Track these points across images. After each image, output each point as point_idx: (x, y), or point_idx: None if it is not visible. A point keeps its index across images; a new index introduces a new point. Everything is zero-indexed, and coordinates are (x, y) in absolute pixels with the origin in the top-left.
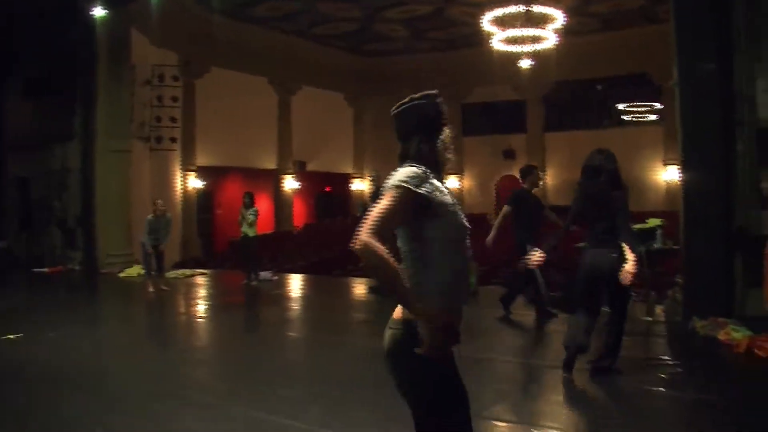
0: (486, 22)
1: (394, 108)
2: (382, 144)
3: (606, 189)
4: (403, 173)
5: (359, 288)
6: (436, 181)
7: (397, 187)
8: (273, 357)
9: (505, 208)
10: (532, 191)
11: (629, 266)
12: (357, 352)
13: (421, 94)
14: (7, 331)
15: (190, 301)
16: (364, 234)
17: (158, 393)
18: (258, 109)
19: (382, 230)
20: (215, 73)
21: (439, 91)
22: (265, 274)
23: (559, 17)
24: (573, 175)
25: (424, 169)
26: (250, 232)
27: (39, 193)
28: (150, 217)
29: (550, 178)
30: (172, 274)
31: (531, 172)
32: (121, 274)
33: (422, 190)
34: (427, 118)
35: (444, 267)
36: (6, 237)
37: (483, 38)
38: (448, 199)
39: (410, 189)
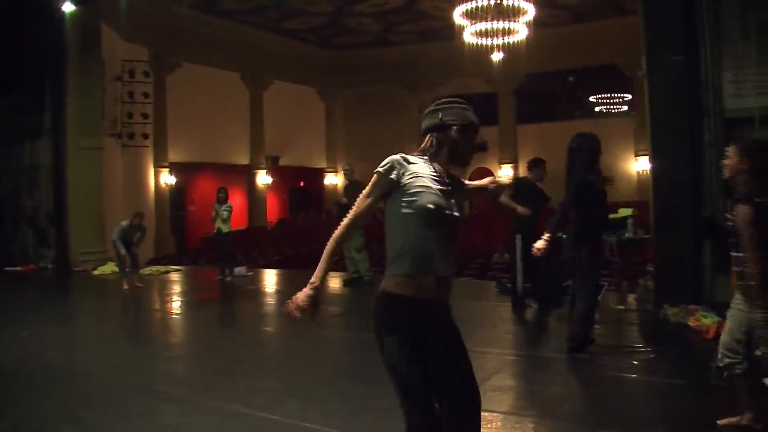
0: (457, 14)
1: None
2: (355, 138)
3: (576, 171)
4: (384, 161)
5: (334, 282)
6: (415, 167)
7: (375, 173)
8: (248, 351)
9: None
10: (536, 184)
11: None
12: (331, 345)
13: (441, 99)
14: None
15: (165, 297)
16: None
17: (133, 389)
18: (230, 105)
19: (359, 210)
20: (186, 68)
21: (459, 96)
22: (239, 270)
23: (529, 10)
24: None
25: (405, 156)
26: (224, 228)
27: (9, 191)
28: (125, 223)
29: (522, 171)
30: (146, 270)
31: (537, 165)
32: (95, 272)
33: (390, 174)
34: (437, 120)
35: (404, 239)
36: None
37: (454, 31)
38: (420, 182)
39: (380, 173)
